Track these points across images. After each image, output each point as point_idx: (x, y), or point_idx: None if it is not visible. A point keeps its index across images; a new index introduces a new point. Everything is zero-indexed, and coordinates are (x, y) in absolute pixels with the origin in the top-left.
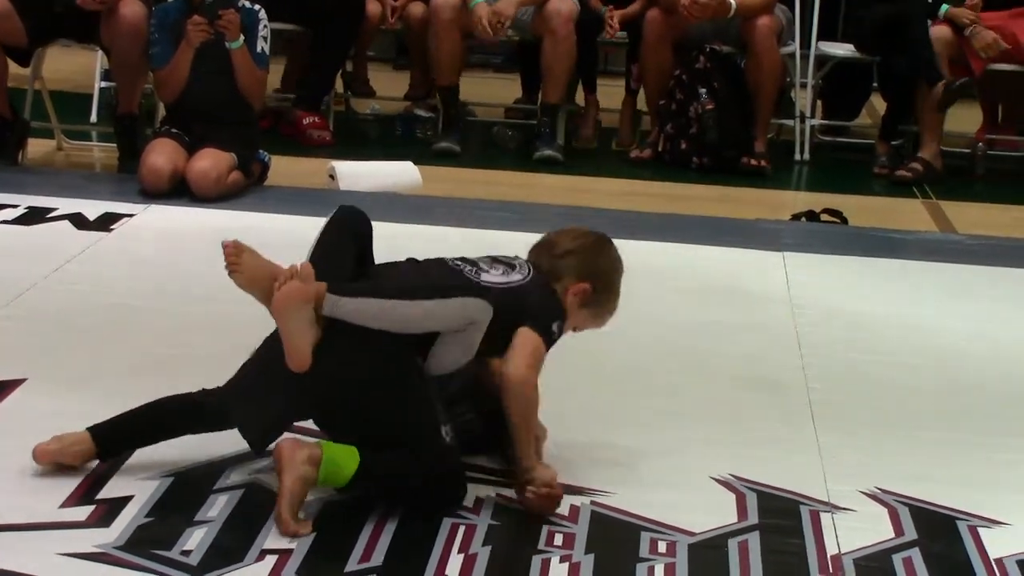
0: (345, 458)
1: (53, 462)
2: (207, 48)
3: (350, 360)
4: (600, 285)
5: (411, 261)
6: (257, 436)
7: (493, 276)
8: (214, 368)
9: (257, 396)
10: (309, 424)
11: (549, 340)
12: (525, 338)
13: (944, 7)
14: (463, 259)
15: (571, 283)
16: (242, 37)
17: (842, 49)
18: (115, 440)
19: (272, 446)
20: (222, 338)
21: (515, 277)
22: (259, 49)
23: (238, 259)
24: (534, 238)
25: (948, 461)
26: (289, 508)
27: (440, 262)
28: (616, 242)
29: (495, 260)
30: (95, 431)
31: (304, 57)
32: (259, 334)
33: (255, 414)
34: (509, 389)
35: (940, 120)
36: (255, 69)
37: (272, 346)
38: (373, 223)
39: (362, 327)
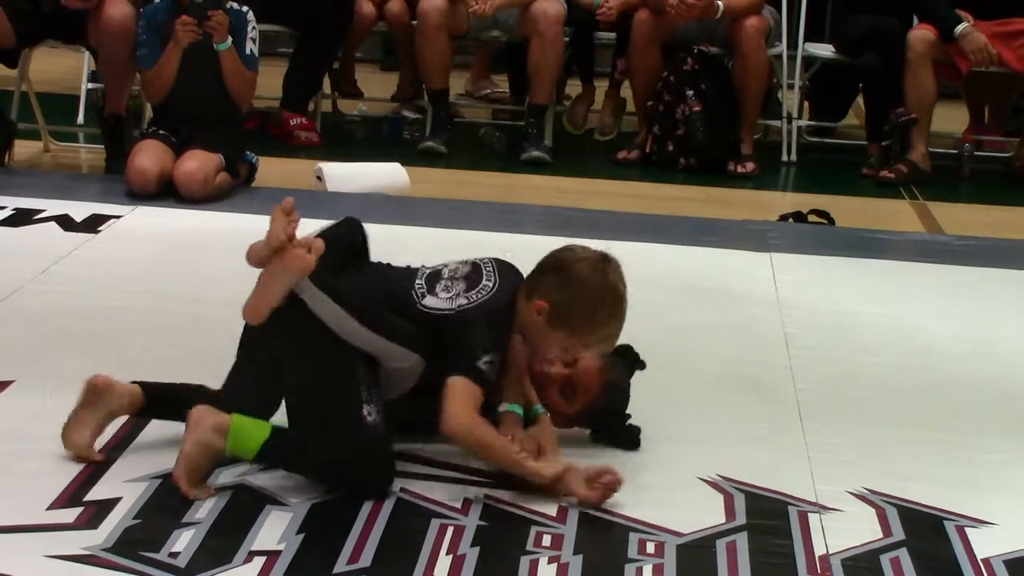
0: (254, 430)
1: (102, 395)
2: (195, 49)
3: (291, 326)
4: (563, 307)
5: (383, 268)
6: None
7: (438, 300)
8: (202, 369)
9: (245, 397)
10: None
11: (481, 377)
12: (453, 388)
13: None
14: (430, 274)
15: (536, 300)
16: (230, 39)
17: (829, 50)
18: (158, 402)
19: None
20: (210, 339)
21: (462, 300)
22: (248, 51)
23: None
24: (521, 239)
25: (935, 461)
26: (185, 469)
27: (400, 277)
28: (603, 243)
29: (460, 276)
30: (145, 386)
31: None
32: None
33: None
34: (455, 439)
35: (927, 122)
36: (244, 71)
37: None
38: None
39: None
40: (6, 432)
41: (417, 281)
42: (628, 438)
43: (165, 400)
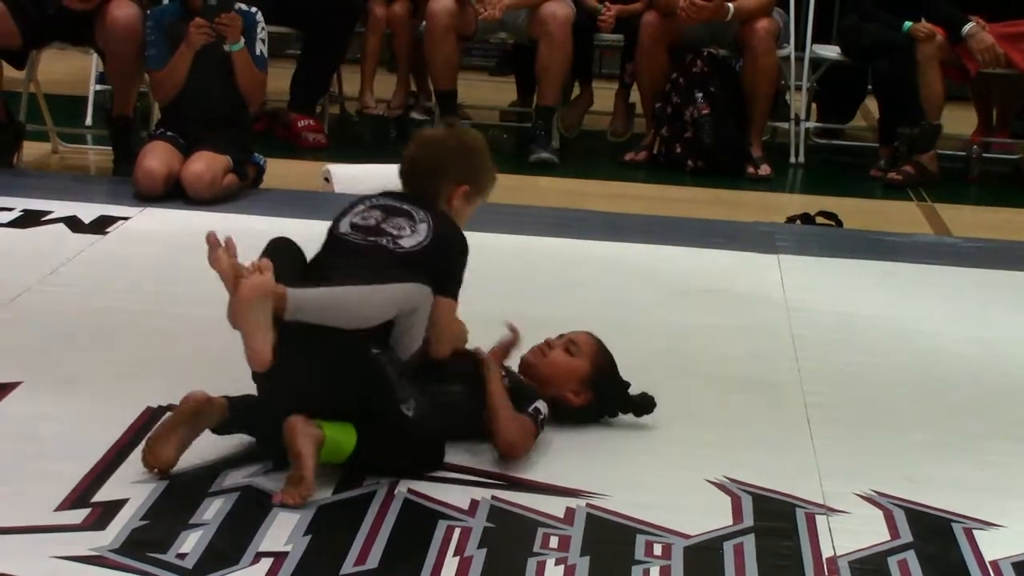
0: (342, 438)
1: (202, 412)
2: (203, 51)
3: (309, 359)
4: (474, 176)
5: (337, 253)
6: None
7: (406, 239)
8: (210, 371)
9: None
10: None
11: (457, 293)
12: (445, 313)
13: (907, 24)
14: (367, 227)
15: (451, 192)
16: (242, 39)
17: (836, 52)
18: (240, 417)
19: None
20: (218, 341)
21: (421, 228)
22: (258, 52)
23: (214, 252)
24: (528, 240)
25: (943, 463)
26: (311, 470)
27: (361, 249)
28: (611, 245)
29: (390, 213)
30: (233, 403)
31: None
32: None
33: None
34: (445, 353)
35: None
36: (255, 71)
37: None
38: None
39: (315, 327)
40: (14, 433)
41: (368, 238)
42: (643, 403)
43: (246, 414)
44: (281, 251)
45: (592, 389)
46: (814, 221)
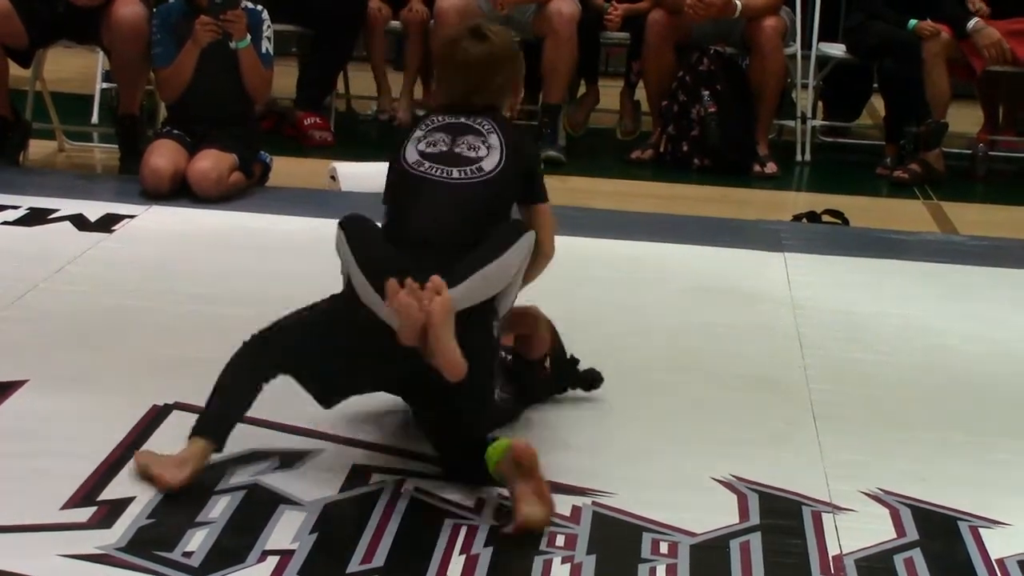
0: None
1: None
2: (209, 49)
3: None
4: (521, 78)
5: (424, 196)
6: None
7: (486, 161)
8: (215, 369)
9: (334, 370)
10: None
11: (547, 194)
12: (548, 215)
13: (912, 22)
14: (439, 154)
15: (512, 101)
16: (248, 36)
17: (842, 50)
18: (225, 431)
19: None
20: (223, 339)
21: (493, 142)
22: (264, 50)
23: (397, 299)
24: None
25: (949, 461)
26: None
27: (448, 188)
28: (617, 243)
29: (455, 133)
30: (206, 433)
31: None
32: None
33: (329, 384)
34: (546, 264)
35: None
36: (261, 69)
37: (343, 327)
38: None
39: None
40: (20, 431)
41: (447, 169)
42: (590, 378)
43: (227, 424)
44: (370, 237)
45: (552, 340)
46: (820, 219)
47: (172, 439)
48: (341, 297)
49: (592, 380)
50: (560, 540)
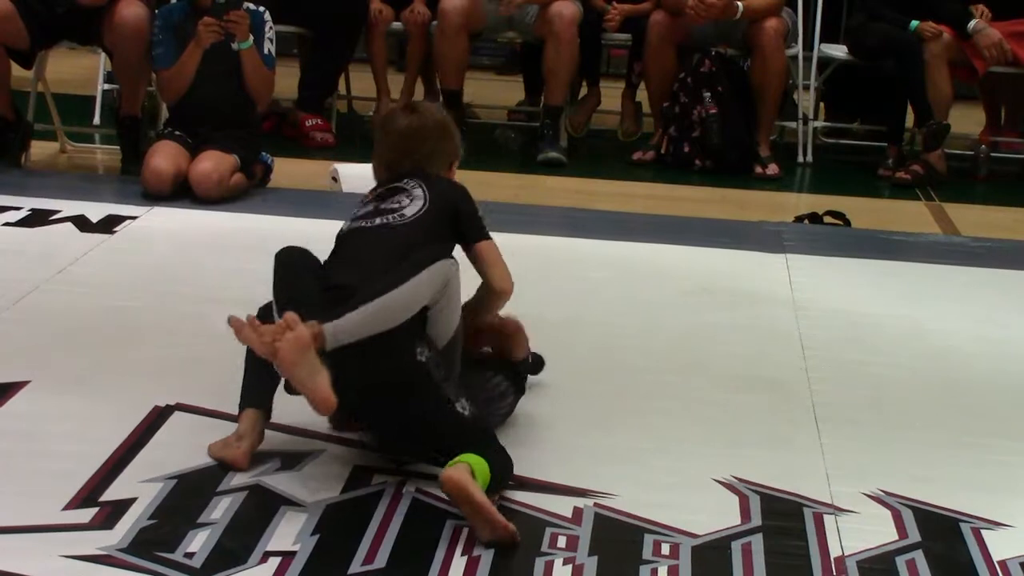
0: (483, 468)
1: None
2: (211, 50)
3: (367, 381)
4: (457, 150)
5: (349, 246)
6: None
7: (408, 208)
8: (217, 370)
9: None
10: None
11: (487, 233)
12: (490, 252)
13: (914, 23)
14: (367, 214)
15: (445, 172)
16: (251, 37)
17: (844, 51)
18: (267, 396)
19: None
20: (225, 340)
21: (416, 193)
22: (266, 51)
23: (242, 333)
24: (537, 240)
25: (951, 463)
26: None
27: (369, 234)
28: (619, 244)
29: (383, 197)
30: (252, 404)
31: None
32: None
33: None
34: (505, 299)
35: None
36: (264, 70)
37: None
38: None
39: (359, 344)
40: (22, 432)
41: (372, 221)
42: (538, 362)
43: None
44: (295, 267)
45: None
46: (822, 220)
47: (174, 440)
48: None
49: (537, 364)
50: (562, 541)
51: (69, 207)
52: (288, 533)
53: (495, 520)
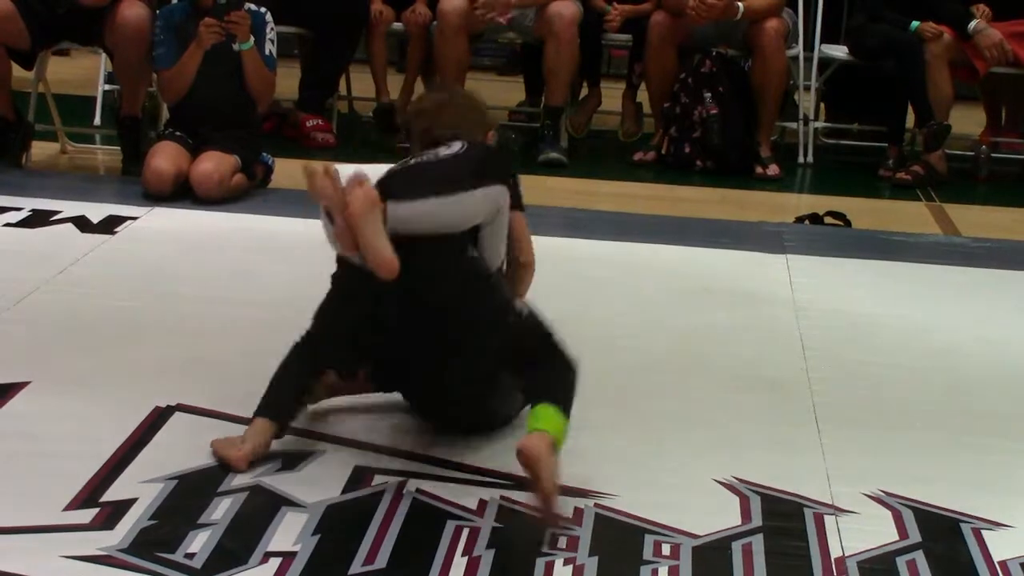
0: (559, 422)
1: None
2: (212, 51)
3: (421, 268)
4: (485, 121)
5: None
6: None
7: (443, 151)
8: (219, 370)
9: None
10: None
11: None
12: (524, 224)
13: (914, 24)
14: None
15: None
16: (252, 38)
17: (845, 52)
18: (282, 412)
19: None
20: (226, 341)
21: (454, 145)
22: (267, 52)
23: (315, 180)
24: (537, 240)
25: (951, 463)
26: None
27: (410, 168)
28: (619, 244)
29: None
30: (265, 414)
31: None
32: (265, 337)
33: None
34: (532, 273)
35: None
36: (265, 71)
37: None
38: None
39: (428, 252)
40: (23, 433)
41: (415, 160)
42: None
43: (290, 408)
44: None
45: None
46: (823, 221)
47: (175, 440)
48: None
49: None
50: (562, 542)
51: (70, 208)
52: (289, 533)
53: (550, 512)
